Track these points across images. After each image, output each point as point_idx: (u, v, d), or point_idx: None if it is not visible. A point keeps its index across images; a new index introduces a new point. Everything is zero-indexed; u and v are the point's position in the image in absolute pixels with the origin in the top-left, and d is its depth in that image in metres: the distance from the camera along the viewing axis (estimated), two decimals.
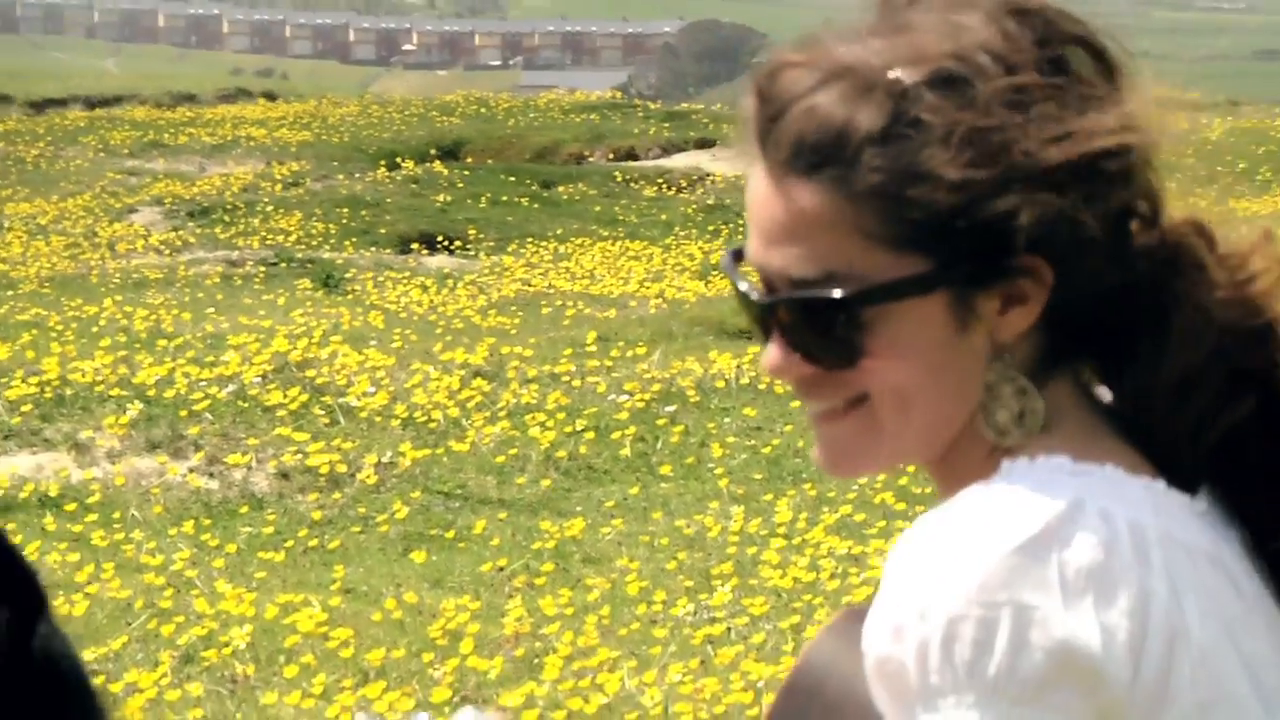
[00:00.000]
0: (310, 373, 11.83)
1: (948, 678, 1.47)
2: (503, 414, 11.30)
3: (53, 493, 9.90)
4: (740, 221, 24.48)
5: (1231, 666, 1.53)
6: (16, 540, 7.84)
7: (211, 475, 10.29)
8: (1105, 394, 1.68)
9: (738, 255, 1.67)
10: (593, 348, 13.04)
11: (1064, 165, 1.52)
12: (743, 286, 1.64)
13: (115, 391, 11.28)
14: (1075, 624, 1.46)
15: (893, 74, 1.54)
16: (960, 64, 1.54)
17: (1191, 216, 1.63)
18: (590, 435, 10.95)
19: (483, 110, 32.31)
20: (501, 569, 8.95)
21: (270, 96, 38.70)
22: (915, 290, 1.56)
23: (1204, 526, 1.58)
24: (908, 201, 1.53)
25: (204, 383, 11.46)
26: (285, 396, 11.16)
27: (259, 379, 11.58)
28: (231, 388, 11.39)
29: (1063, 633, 1.46)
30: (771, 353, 1.63)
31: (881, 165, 1.53)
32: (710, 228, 24.29)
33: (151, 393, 11.28)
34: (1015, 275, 1.56)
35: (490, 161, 27.55)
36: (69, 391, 11.37)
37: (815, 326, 1.58)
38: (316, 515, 9.75)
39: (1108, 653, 1.47)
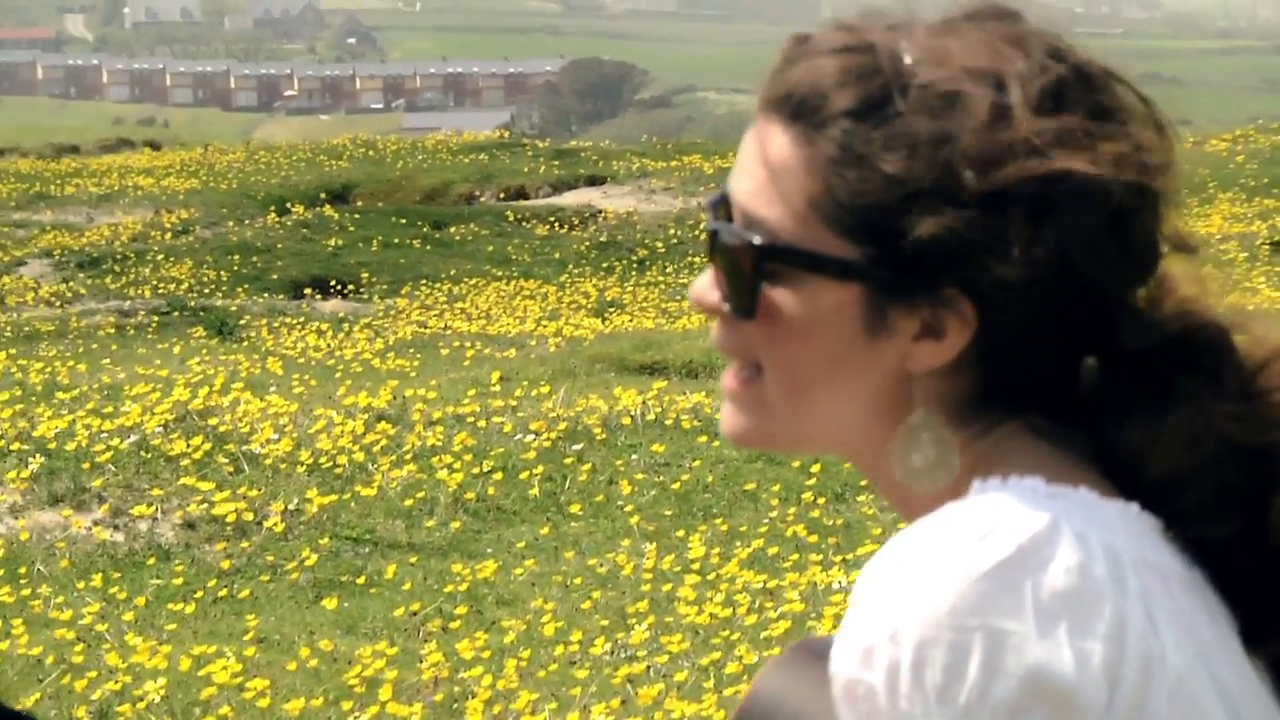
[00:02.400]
0: (213, 421, 11.72)
1: (918, 703, 1.44)
2: (409, 457, 11.24)
3: None
4: (633, 258, 24.59)
5: (1207, 692, 1.50)
6: None
7: (117, 527, 10.17)
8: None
9: None
10: (496, 388, 12.99)
11: (999, 194, 1.50)
12: (707, 213, 1.65)
13: (15, 446, 11.14)
14: (1049, 650, 1.43)
15: (908, 63, 1.55)
16: (971, 81, 1.53)
17: (1213, 317, 1.60)
18: (498, 476, 10.90)
19: (370, 153, 32.24)
20: (415, 614, 8.89)
21: (153, 145, 38.33)
22: (829, 270, 1.55)
23: (1177, 550, 1.55)
24: (845, 182, 1.54)
25: (105, 434, 11.33)
26: (188, 446, 11.05)
27: (161, 428, 11.46)
28: (133, 438, 11.27)
29: (1036, 658, 1.43)
30: (701, 278, 1.63)
31: (841, 140, 1.54)
32: (604, 265, 24.33)
33: (52, 445, 11.15)
34: (934, 303, 1.54)
35: (380, 204, 27.50)
36: None
37: (733, 263, 1.59)
38: (225, 565, 9.66)
39: (1082, 678, 1.44)
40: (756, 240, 1.57)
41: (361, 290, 22.75)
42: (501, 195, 28.47)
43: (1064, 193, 1.51)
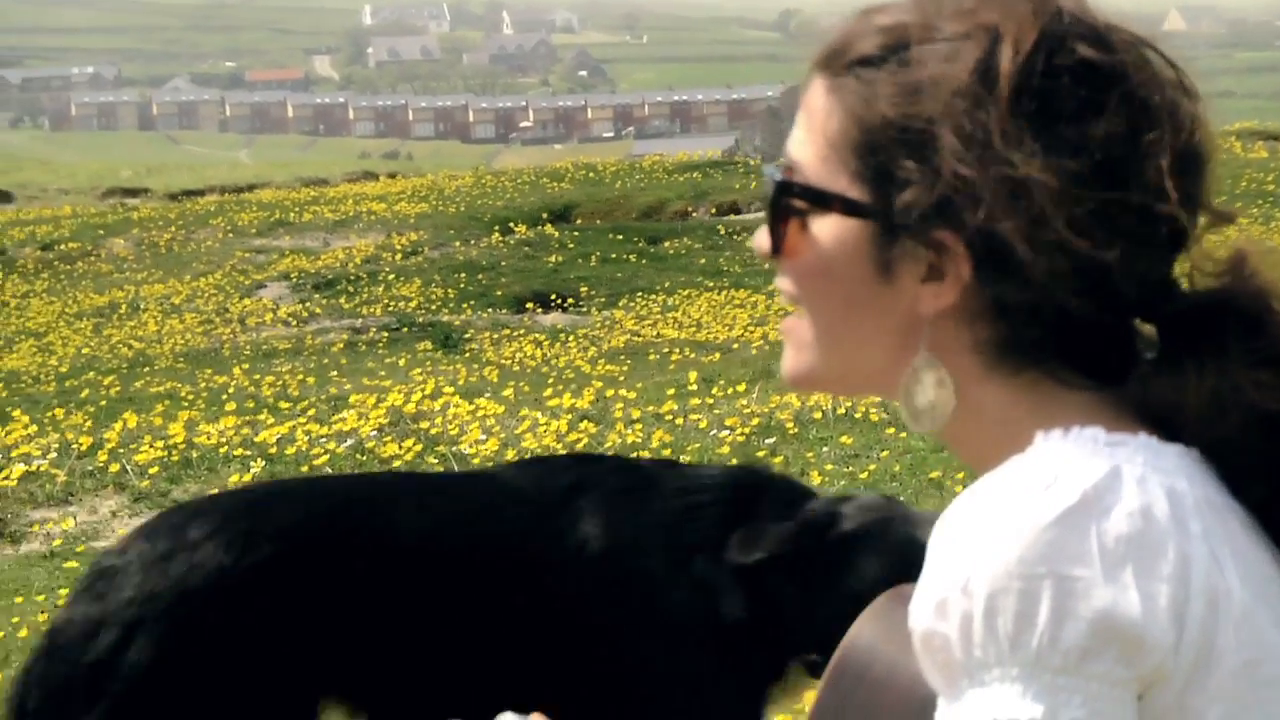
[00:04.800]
0: (424, 424, 12.24)
1: (991, 651, 1.48)
2: (609, 453, 11.67)
3: None
4: None
5: (1271, 624, 1.53)
6: None
7: None
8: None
9: None
10: (694, 388, 13.40)
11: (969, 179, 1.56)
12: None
13: (239, 452, 11.70)
14: (1116, 593, 1.46)
15: (934, 17, 1.61)
16: (974, 33, 1.59)
17: (1254, 286, 1.63)
18: None
19: (591, 175, 32.70)
20: None
21: (395, 177, 38.91)
22: (836, 207, 1.62)
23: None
24: (856, 124, 1.61)
25: (324, 439, 11.87)
26: (401, 448, 11.54)
27: (375, 433, 11.99)
28: (350, 442, 11.80)
29: (1103, 602, 1.46)
30: (763, 228, 1.70)
31: (856, 86, 1.62)
32: None
33: (273, 451, 11.69)
34: (932, 246, 1.58)
35: (599, 222, 28.00)
36: (195, 454, 11.79)
37: (771, 203, 1.66)
38: None
39: (1149, 619, 1.47)
40: (779, 177, 1.65)
41: (580, 303, 23.23)
42: (714, 211, 28.83)
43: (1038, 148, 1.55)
